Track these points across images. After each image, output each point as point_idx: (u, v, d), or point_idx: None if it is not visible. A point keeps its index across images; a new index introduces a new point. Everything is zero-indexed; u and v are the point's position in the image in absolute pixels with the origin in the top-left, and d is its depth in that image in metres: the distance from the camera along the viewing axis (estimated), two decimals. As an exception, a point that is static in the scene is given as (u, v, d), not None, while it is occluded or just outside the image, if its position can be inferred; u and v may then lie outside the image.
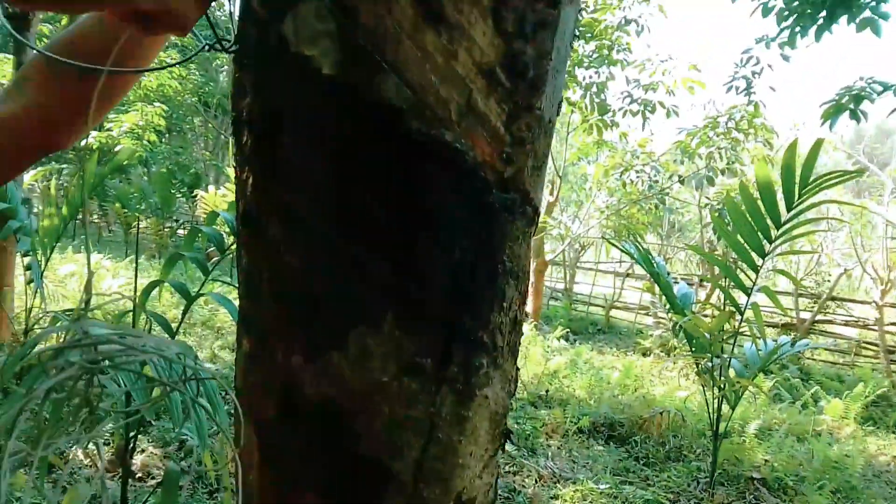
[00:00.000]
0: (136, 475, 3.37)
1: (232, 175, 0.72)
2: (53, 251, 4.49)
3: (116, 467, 3.29)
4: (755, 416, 5.69)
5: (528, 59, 0.49)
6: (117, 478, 3.19)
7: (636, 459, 4.66)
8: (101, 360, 0.50)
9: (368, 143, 0.48)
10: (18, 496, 2.75)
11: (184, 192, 15.94)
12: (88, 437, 0.57)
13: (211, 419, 1.97)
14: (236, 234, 0.59)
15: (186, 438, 3.26)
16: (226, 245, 2.43)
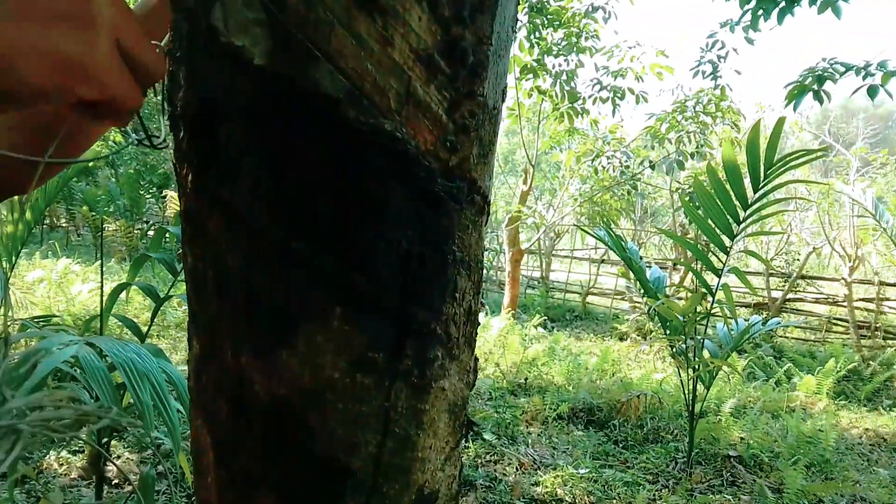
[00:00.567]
0: (112, 481, 3.32)
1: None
2: (19, 257, 4.38)
3: (90, 474, 3.24)
4: (730, 395, 5.80)
5: (468, 45, 0.49)
6: (93, 485, 3.15)
7: (615, 443, 4.72)
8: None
9: (305, 135, 0.46)
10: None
11: (153, 193, 15.68)
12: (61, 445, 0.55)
13: (188, 422, 1.95)
14: (181, 234, 0.58)
15: (162, 442, 3.22)
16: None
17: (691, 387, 4.18)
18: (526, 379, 6.08)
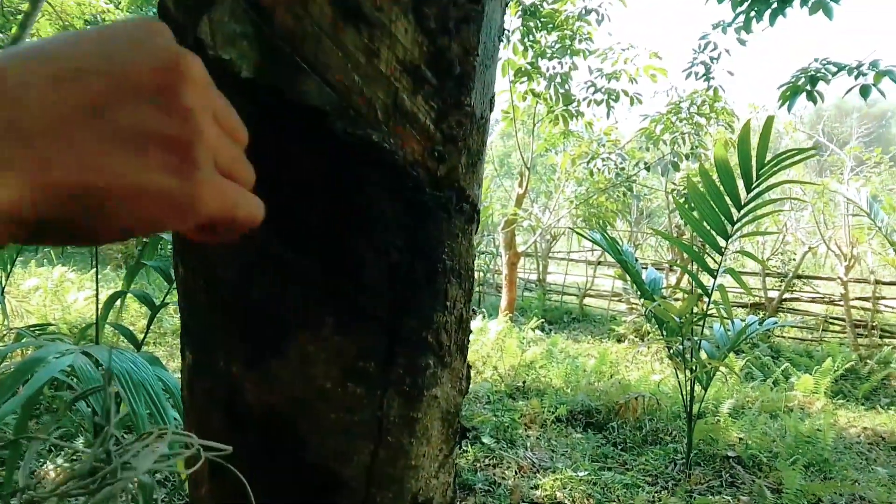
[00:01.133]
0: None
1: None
2: (14, 265, 4.38)
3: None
4: (728, 396, 5.80)
5: (454, 56, 0.49)
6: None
7: (614, 445, 4.71)
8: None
9: (294, 147, 0.47)
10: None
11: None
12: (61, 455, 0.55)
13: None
14: (173, 245, 0.58)
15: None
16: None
17: (689, 388, 4.18)
18: (524, 382, 6.07)
